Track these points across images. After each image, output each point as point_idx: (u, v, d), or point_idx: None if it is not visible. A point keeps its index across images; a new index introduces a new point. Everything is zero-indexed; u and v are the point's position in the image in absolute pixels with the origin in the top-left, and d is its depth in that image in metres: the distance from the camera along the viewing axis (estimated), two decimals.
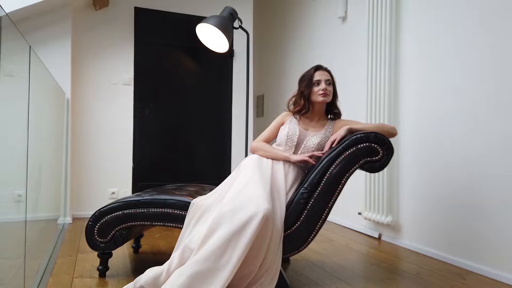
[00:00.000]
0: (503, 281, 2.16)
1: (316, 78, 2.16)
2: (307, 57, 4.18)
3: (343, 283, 2.11)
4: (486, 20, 2.31)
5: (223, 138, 4.22)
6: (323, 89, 2.13)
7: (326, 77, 2.17)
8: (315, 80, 2.16)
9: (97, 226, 2.10)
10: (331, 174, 1.96)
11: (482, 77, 2.33)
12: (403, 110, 2.91)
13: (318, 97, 2.15)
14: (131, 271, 2.25)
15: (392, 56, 2.95)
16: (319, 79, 2.15)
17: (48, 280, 2.07)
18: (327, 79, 2.17)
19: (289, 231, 1.95)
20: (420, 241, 2.76)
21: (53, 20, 3.48)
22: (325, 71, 2.20)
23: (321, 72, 2.18)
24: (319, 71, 2.19)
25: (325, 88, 2.14)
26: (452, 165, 2.52)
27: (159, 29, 3.98)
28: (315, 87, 2.16)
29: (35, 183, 2.25)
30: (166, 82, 4.03)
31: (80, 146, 3.71)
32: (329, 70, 2.23)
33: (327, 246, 2.88)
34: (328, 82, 2.16)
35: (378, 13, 3.04)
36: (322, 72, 2.18)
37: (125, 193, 3.80)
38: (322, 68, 2.21)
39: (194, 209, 1.97)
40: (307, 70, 2.23)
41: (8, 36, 1.61)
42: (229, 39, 2.90)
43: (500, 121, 2.22)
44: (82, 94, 3.73)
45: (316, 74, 2.17)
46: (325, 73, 2.19)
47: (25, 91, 1.90)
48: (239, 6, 3.72)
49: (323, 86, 2.14)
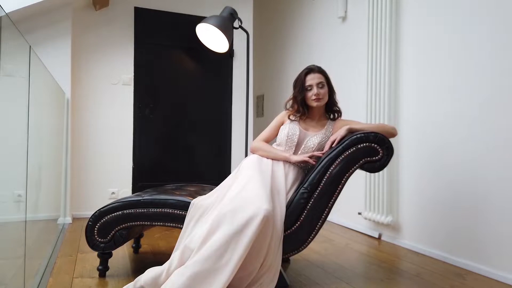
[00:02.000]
0: (503, 281, 2.16)
1: (307, 84, 2.13)
2: (307, 57, 4.18)
3: (343, 283, 2.11)
4: (486, 20, 2.31)
5: (223, 138, 4.22)
6: (316, 94, 2.11)
7: (317, 80, 2.13)
8: (307, 85, 2.14)
9: (97, 226, 2.10)
10: (331, 174, 1.96)
11: (482, 77, 2.33)
12: (403, 110, 2.91)
13: (312, 102, 2.14)
14: (131, 271, 2.25)
15: (392, 56, 2.95)
16: (311, 84, 2.13)
17: (48, 280, 2.07)
18: (319, 82, 2.13)
19: (289, 231, 1.95)
20: (420, 241, 2.76)
21: (53, 20, 3.48)
22: (317, 73, 2.15)
23: (312, 76, 2.14)
24: (310, 74, 2.15)
25: (317, 93, 2.11)
26: (452, 165, 2.52)
27: (159, 29, 3.98)
28: (308, 92, 2.14)
29: (35, 183, 2.25)
30: (166, 82, 4.03)
31: (80, 146, 3.71)
32: (321, 70, 2.18)
33: (327, 246, 2.87)
34: (320, 85, 2.13)
35: (378, 13, 3.04)
36: (313, 76, 2.15)
37: (125, 193, 3.80)
38: (313, 71, 2.17)
39: (194, 209, 1.97)
40: (299, 73, 2.20)
41: (8, 36, 1.61)
42: (229, 39, 2.90)
43: (500, 121, 2.22)
44: (82, 94, 3.73)
45: (308, 79, 2.14)
46: (316, 76, 2.15)
47: (25, 91, 1.90)
48: (239, 6, 3.73)
49: (315, 91, 2.11)
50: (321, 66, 2.24)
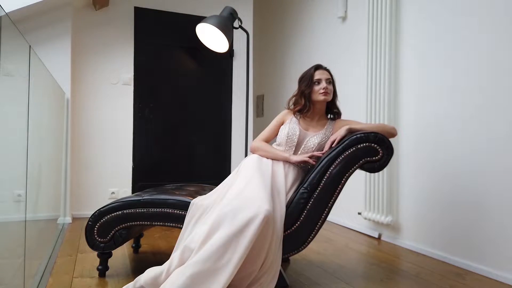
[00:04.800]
0: (503, 281, 2.16)
1: (316, 77, 2.17)
2: (307, 57, 4.18)
3: (343, 283, 2.11)
4: (486, 20, 2.31)
5: (223, 138, 4.22)
6: (324, 87, 2.14)
7: (326, 76, 2.18)
8: (316, 79, 2.16)
9: (97, 226, 2.10)
10: (331, 174, 1.96)
11: (482, 77, 2.33)
12: (402, 110, 2.91)
13: (319, 96, 2.16)
14: (131, 271, 2.25)
15: (392, 56, 2.95)
16: (320, 78, 2.16)
17: (48, 280, 2.07)
18: (327, 78, 2.18)
19: (289, 231, 1.95)
20: (420, 241, 2.76)
21: (53, 20, 3.48)
22: (325, 70, 2.22)
23: (321, 71, 2.20)
24: (319, 70, 2.20)
25: (326, 87, 2.14)
26: (452, 165, 2.52)
27: (159, 29, 3.98)
28: (315, 86, 2.16)
29: (35, 182, 2.25)
30: (166, 82, 4.03)
31: (80, 145, 3.71)
32: (328, 69, 2.24)
33: (327, 246, 2.88)
34: (328, 81, 2.18)
35: (378, 13, 3.04)
36: (322, 71, 2.20)
37: (125, 193, 3.80)
38: (322, 67, 2.22)
39: (194, 209, 1.97)
40: (307, 69, 2.24)
41: (8, 36, 1.61)
42: (229, 39, 2.90)
43: (499, 121, 2.22)
44: (82, 94, 3.73)
45: (317, 73, 2.18)
46: (325, 72, 2.20)
47: (25, 91, 1.90)
48: (239, 6, 3.72)
49: (323, 85, 2.15)
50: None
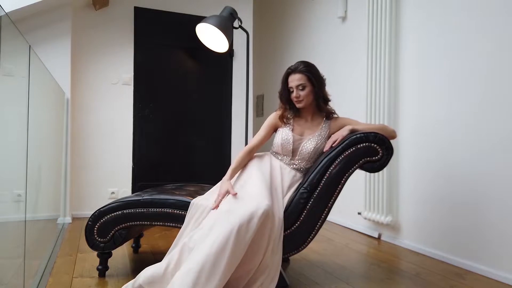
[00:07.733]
0: (503, 281, 2.16)
1: (289, 85, 2.11)
2: (307, 57, 4.17)
3: (343, 283, 2.11)
4: (485, 20, 2.31)
5: (223, 138, 4.22)
6: (295, 97, 2.09)
7: (297, 82, 2.06)
8: (289, 87, 2.12)
9: (97, 226, 2.10)
10: (331, 174, 1.96)
11: (482, 77, 2.32)
12: (403, 110, 2.91)
13: (295, 104, 2.13)
14: (130, 271, 2.25)
15: (392, 56, 2.94)
16: (291, 86, 2.10)
17: (48, 280, 2.07)
18: (299, 84, 2.06)
19: (289, 231, 1.95)
20: (419, 241, 2.76)
21: (53, 20, 3.48)
22: (297, 74, 2.07)
23: (292, 78, 2.09)
24: (291, 75, 2.10)
25: (297, 96, 2.08)
26: (452, 165, 2.52)
27: (159, 29, 3.98)
28: (291, 94, 2.12)
29: (34, 183, 2.25)
30: (166, 82, 4.03)
31: (80, 146, 3.71)
32: (301, 69, 2.07)
33: (327, 246, 2.87)
34: (300, 87, 2.07)
35: (378, 13, 3.04)
36: (293, 77, 2.09)
37: (125, 193, 3.80)
38: (293, 71, 2.09)
39: (193, 208, 1.97)
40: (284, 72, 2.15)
41: (8, 35, 1.61)
42: (229, 39, 2.90)
43: (499, 122, 2.22)
44: (82, 94, 3.73)
45: (289, 81, 2.11)
46: (296, 77, 2.08)
47: (24, 91, 1.90)
48: (239, 6, 3.72)
49: (295, 93, 2.08)
50: (321, 66, 2.20)
